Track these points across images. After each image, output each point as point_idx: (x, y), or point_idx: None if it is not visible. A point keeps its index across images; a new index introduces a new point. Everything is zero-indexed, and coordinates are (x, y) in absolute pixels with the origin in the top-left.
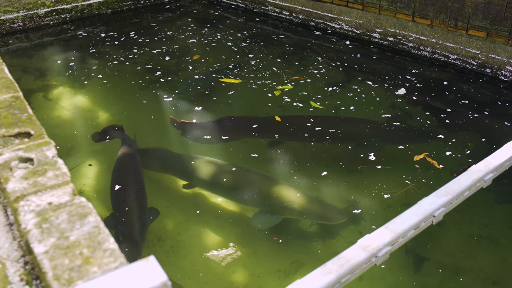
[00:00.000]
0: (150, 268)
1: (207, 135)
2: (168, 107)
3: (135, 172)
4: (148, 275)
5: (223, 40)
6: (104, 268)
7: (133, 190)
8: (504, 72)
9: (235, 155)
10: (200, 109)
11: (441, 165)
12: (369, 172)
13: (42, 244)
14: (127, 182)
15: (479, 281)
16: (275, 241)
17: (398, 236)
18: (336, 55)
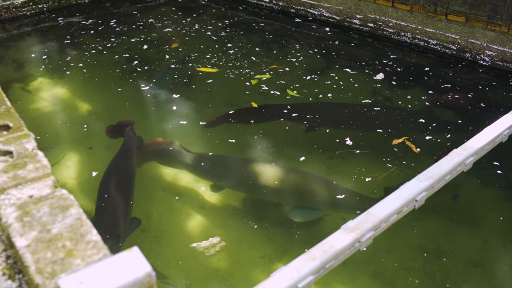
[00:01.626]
0: (133, 259)
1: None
2: (147, 97)
3: (126, 177)
4: (132, 266)
5: (202, 30)
6: (88, 260)
7: (117, 197)
8: (483, 57)
9: (211, 141)
10: (178, 96)
11: (418, 149)
12: (348, 156)
13: (24, 237)
14: (114, 187)
15: (461, 263)
16: (258, 228)
17: (381, 221)
18: (316, 42)
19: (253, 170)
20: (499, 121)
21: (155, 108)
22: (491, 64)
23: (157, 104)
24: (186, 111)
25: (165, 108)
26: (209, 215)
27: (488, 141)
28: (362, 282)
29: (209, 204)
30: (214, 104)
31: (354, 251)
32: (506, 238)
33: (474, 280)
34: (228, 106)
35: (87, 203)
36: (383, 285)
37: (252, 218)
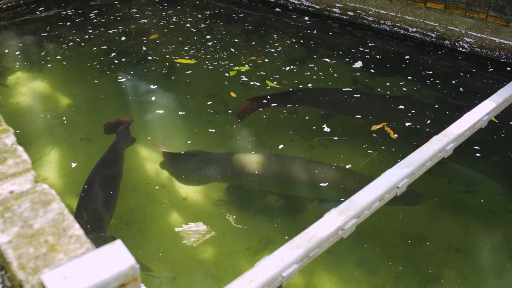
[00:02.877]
0: (117, 252)
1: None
2: (125, 89)
3: (109, 180)
4: (116, 259)
5: (181, 22)
6: (71, 254)
7: (96, 204)
8: (462, 44)
9: (190, 130)
10: (158, 88)
11: (396, 135)
12: (327, 143)
13: (5, 233)
14: (96, 192)
15: (443, 249)
16: (242, 219)
17: (364, 208)
18: (295, 31)
19: (276, 164)
20: (478, 107)
21: (135, 100)
22: (470, 51)
23: (136, 96)
24: (166, 102)
25: (144, 100)
26: (192, 207)
27: (468, 127)
28: (346, 270)
29: (193, 196)
30: (194, 95)
31: (338, 239)
32: (486, 223)
33: (456, 265)
34: (209, 97)
35: (68, 197)
36: (367, 272)
37: (236, 208)
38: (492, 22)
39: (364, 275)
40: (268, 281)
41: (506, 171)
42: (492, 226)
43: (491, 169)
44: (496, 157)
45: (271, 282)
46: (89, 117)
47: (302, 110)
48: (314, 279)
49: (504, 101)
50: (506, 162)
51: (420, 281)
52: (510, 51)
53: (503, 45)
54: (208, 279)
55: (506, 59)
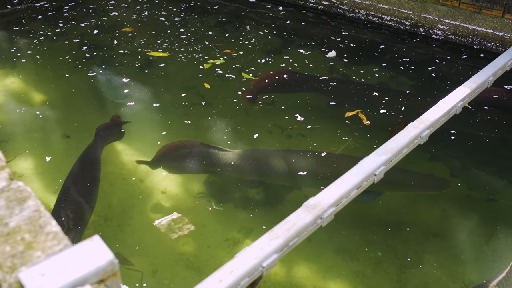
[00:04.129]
0: (95, 248)
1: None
2: (99, 83)
3: (87, 181)
4: (94, 254)
5: (155, 16)
6: (48, 251)
7: (71, 209)
8: (436, 31)
9: (164, 122)
10: (129, 81)
11: (368, 121)
12: (304, 133)
13: None
14: (72, 195)
15: (421, 234)
16: (222, 211)
17: (342, 196)
18: (271, 22)
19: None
20: (452, 93)
21: (109, 94)
22: (444, 38)
23: (110, 90)
24: (141, 95)
25: (118, 94)
26: (172, 200)
27: (443, 114)
28: (326, 258)
29: (172, 189)
30: (169, 87)
31: (317, 228)
32: (463, 207)
33: (434, 249)
34: (185, 89)
35: (45, 194)
36: (347, 260)
37: (215, 200)
38: (465, 9)
39: (344, 262)
40: (249, 272)
41: (481, 156)
42: (469, 211)
43: (466, 154)
44: (472, 141)
45: (252, 273)
46: (65, 112)
47: (279, 100)
48: (295, 268)
49: (478, 87)
50: (481, 147)
51: (399, 266)
52: (483, 37)
53: (476, 31)
54: (189, 271)
55: (479, 45)
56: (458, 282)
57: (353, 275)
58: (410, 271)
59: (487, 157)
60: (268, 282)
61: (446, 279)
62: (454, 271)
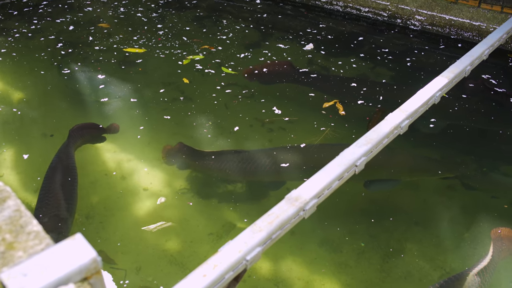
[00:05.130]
0: (77, 246)
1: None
2: (75, 80)
3: (65, 184)
4: (76, 253)
5: (132, 12)
6: (30, 251)
7: (57, 209)
8: (414, 22)
9: (144, 118)
10: (106, 77)
11: (343, 112)
12: (279, 124)
13: None
14: (53, 197)
15: (404, 223)
16: (205, 206)
17: (323, 188)
18: (249, 16)
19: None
20: (431, 83)
21: (86, 91)
22: (422, 28)
23: (87, 87)
24: (119, 92)
25: (96, 90)
26: (154, 197)
27: (421, 104)
28: (310, 250)
29: (154, 185)
30: (148, 83)
31: (299, 220)
32: (443, 196)
33: (417, 238)
34: (163, 85)
35: (25, 193)
36: (330, 251)
37: (198, 196)
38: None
39: (327, 253)
40: (233, 266)
41: (461, 145)
42: (449, 199)
43: (446, 144)
44: (451, 130)
45: (236, 266)
46: (43, 110)
47: (259, 94)
48: (279, 261)
49: (456, 77)
50: (461, 136)
51: (382, 256)
52: (460, 27)
53: (453, 22)
54: (173, 267)
55: (456, 35)
56: (440, 270)
57: (337, 266)
58: (393, 261)
59: (467, 146)
60: (252, 276)
61: (429, 267)
62: (436, 259)
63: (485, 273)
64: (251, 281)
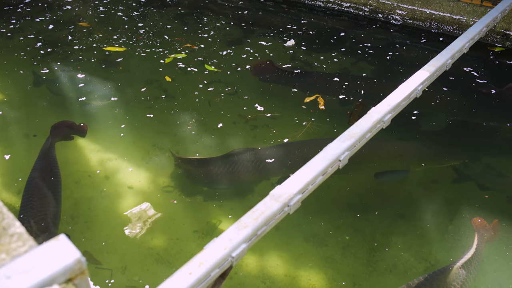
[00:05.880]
0: (61, 247)
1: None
2: (55, 79)
3: (49, 186)
4: (60, 254)
5: (112, 11)
6: (13, 253)
7: (42, 213)
8: (395, 16)
9: (126, 116)
10: (86, 76)
11: (322, 107)
12: (262, 120)
13: None
14: (37, 200)
15: (388, 217)
16: (190, 203)
17: (308, 183)
18: (230, 13)
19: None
20: (412, 77)
21: (68, 90)
22: (403, 23)
23: (67, 86)
24: (100, 91)
25: (77, 90)
26: (138, 195)
27: (403, 97)
28: (295, 245)
29: (138, 184)
30: (129, 82)
31: (284, 215)
32: (427, 189)
33: (401, 231)
34: (146, 83)
35: (7, 195)
36: (315, 245)
37: (182, 193)
38: None
39: (313, 248)
40: (218, 263)
41: (444, 138)
42: (433, 192)
43: (429, 136)
44: (434, 122)
45: (222, 263)
46: (24, 110)
47: (242, 91)
48: (265, 257)
49: (437, 70)
50: (444, 129)
51: (368, 249)
52: (441, 21)
53: (434, 15)
54: (159, 265)
55: (437, 29)
56: (424, 263)
57: (323, 261)
58: (379, 254)
59: (450, 138)
60: (239, 273)
61: (414, 260)
62: (420, 251)
63: (469, 266)
64: (238, 278)
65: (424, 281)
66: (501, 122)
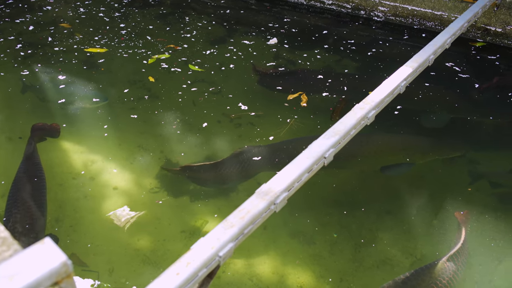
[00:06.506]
0: (46, 250)
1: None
2: (36, 81)
3: (34, 190)
4: (46, 257)
5: (94, 12)
6: None
7: (28, 217)
8: (377, 13)
9: (109, 117)
10: (67, 78)
11: (304, 104)
12: (246, 119)
13: None
14: (23, 202)
15: (374, 213)
16: (176, 204)
17: (293, 181)
18: (212, 11)
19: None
20: (395, 73)
21: (49, 91)
22: (385, 19)
23: (49, 88)
24: (83, 92)
25: (59, 91)
26: (124, 196)
27: (387, 94)
28: (283, 242)
29: (123, 185)
30: (112, 83)
31: (270, 214)
32: (412, 185)
33: (388, 227)
34: (129, 84)
35: None
36: (303, 243)
37: (168, 193)
38: None
39: (300, 246)
40: (206, 262)
41: (428, 132)
42: (418, 187)
43: (413, 131)
44: (417, 117)
45: (209, 263)
46: (5, 113)
47: (226, 90)
48: (253, 256)
49: (419, 66)
50: (428, 123)
51: (355, 246)
52: (422, 17)
53: (415, 12)
54: (147, 266)
55: (419, 25)
56: (411, 257)
57: (311, 258)
58: (365, 250)
59: (433, 133)
60: (227, 272)
61: (400, 255)
62: (407, 246)
63: (455, 260)
64: (226, 277)
65: (410, 276)
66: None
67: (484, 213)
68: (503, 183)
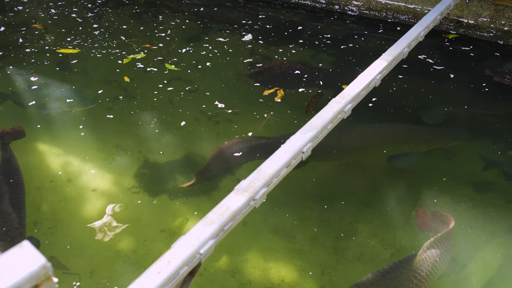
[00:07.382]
0: (25, 254)
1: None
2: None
3: (12, 195)
4: (25, 261)
5: (66, 13)
6: None
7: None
8: (351, 7)
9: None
10: (40, 79)
11: (279, 100)
12: (223, 116)
13: None
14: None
15: (354, 206)
16: (155, 203)
17: (272, 176)
18: (187, 9)
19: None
20: (371, 67)
21: (21, 94)
22: (359, 13)
23: (21, 91)
24: (56, 94)
25: (31, 93)
26: (103, 198)
27: (363, 87)
28: (264, 238)
29: (102, 186)
30: (87, 83)
31: (250, 210)
32: (391, 176)
33: (367, 219)
34: (105, 84)
35: None
36: (284, 238)
37: (147, 193)
38: None
39: (281, 241)
40: (187, 260)
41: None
42: (396, 179)
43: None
44: (392, 109)
45: (190, 261)
46: None
47: (203, 89)
48: (234, 252)
49: (394, 59)
50: (403, 116)
51: (335, 239)
52: (396, 11)
53: (389, 5)
54: (128, 267)
55: (393, 18)
56: (390, 248)
57: (291, 253)
58: (346, 243)
59: (410, 125)
60: (209, 269)
61: (380, 246)
62: (386, 238)
63: (435, 246)
64: (208, 274)
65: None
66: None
67: (461, 201)
68: (478, 173)
